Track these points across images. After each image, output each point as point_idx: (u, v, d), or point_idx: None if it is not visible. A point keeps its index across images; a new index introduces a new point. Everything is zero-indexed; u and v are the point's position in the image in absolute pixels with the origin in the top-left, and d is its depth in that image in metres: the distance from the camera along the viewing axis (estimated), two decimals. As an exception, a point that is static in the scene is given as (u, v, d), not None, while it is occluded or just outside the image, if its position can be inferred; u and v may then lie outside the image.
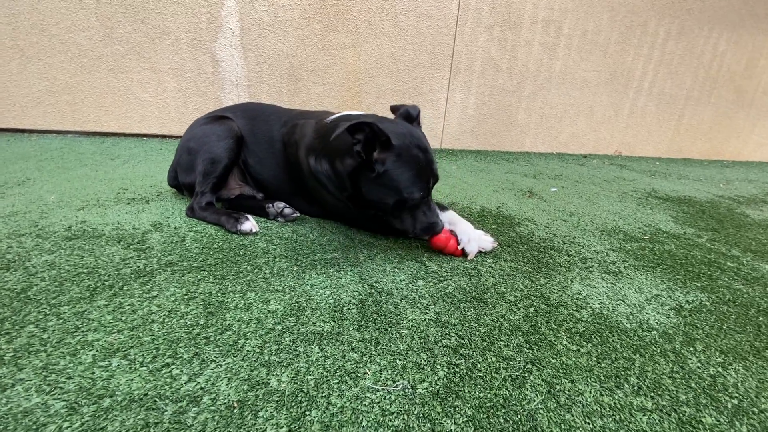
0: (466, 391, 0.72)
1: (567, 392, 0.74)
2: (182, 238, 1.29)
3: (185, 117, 3.07)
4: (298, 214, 1.52)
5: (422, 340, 0.86)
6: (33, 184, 1.72)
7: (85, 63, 2.78)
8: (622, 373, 0.81)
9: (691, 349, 0.92)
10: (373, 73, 3.33)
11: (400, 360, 0.79)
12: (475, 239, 1.32)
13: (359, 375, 0.74)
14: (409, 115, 1.37)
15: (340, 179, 1.31)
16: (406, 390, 0.71)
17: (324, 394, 0.69)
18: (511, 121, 3.86)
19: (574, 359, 0.84)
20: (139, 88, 2.93)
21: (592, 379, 0.78)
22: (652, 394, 0.76)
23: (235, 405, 0.65)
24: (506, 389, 0.74)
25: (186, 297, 0.95)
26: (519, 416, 0.68)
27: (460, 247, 1.31)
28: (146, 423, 0.60)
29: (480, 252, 1.35)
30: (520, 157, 3.67)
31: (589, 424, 0.67)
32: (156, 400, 0.65)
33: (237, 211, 1.43)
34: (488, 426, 0.65)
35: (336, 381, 0.72)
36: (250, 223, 1.36)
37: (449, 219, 1.41)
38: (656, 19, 3.84)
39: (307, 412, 0.65)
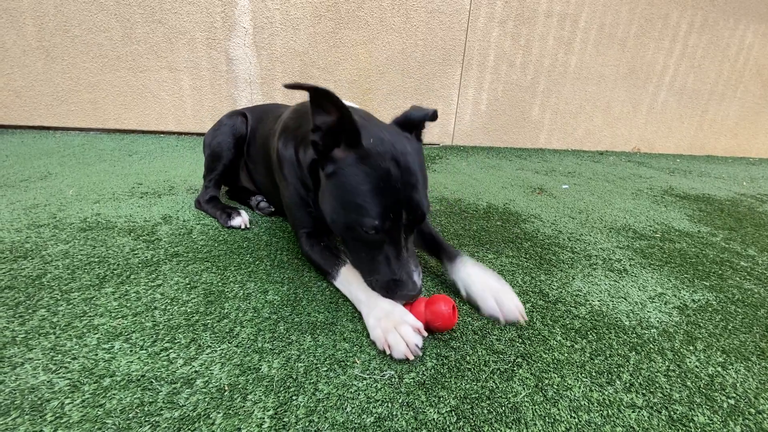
0: (453, 383, 0.73)
1: (555, 387, 0.74)
2: (189, 231, 1.33)
3: (200, 114, 3.15)
4: (273, 209, 1.53)
5: (414, 332, 0.87)
6: (54, 179, 1.81)
7: (106, 63, 2.88)
8: (615, 369, 0.80)
9: (691, 348, 0.90)
10: (384, 70, 3.33)
11: (390, 351, 0.80)
12: (504, 297, 0.94)
13: (348, 364, 0.76)
14: (408, 121, 0.98)
15: (302, 172, 1.05)
16: (393, 379, 0.72)
17: (312, 381, 0.71)
18: (524, 118, 3.80)
19: (566, 355, 0.83)
20: (156, 87, 3.02)
21: (583, 375, 0.78)
22: (644, 391, 0.75)
23: (226, 388, 0.68)
24: (493, 382, 0.74)
25: (188, 286, 0.99)
26: (503, 408, 0.68)
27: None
28: (141, 402, 0.64)
29: (478, 248, 1.34)
30: (533, 153, 3.62)
31: (574, 418, 0.67)
32: (152, 381, 0.68)
33: (232, 206, 1.46)
34: (471, 416, 0.66)
35: (325, 369, 0.74)
36: (240, 219, 1.38)
37: (464, 280, 0.99)
38: (678, 11, 3.71)
39: (294, 397, 0.67)
